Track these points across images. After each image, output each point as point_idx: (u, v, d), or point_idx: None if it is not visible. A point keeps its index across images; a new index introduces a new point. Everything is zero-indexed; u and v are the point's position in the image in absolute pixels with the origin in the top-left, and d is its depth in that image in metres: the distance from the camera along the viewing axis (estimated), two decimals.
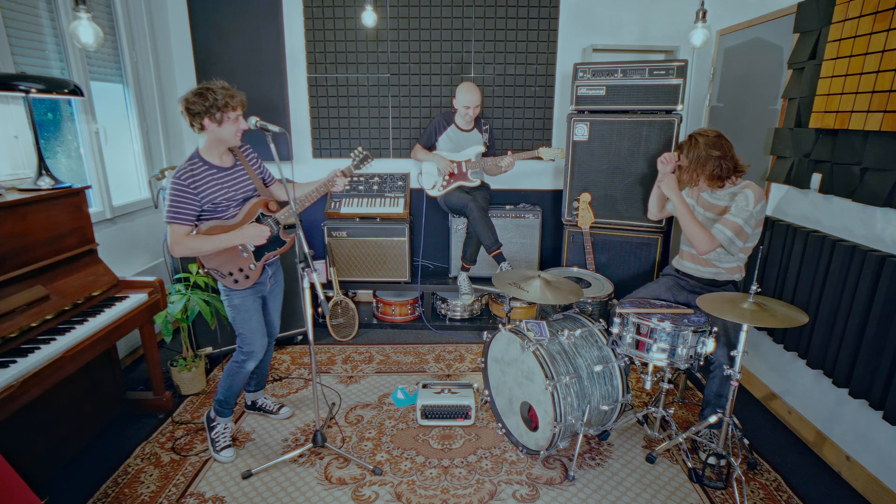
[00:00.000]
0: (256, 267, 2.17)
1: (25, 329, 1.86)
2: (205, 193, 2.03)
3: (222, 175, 2.10)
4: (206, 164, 2.06)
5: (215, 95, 1.94)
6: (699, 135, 2.29)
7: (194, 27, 3.59)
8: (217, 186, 2.07)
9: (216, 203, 2.06)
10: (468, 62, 3.73)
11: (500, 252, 3.25)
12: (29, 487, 1.49)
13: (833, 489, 2.14)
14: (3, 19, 2.30)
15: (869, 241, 2.06)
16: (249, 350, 2.23)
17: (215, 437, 2.30)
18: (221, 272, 2.12)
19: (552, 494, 2.08)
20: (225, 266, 2.12)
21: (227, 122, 2.00)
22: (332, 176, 2.29)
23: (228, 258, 2.12)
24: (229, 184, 2.11)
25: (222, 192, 2.08)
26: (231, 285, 2.14)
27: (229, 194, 2.10)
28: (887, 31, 1.90)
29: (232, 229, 2.09)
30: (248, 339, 2.23)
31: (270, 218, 2.20)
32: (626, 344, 2.17)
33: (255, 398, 2.60)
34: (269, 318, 2.40)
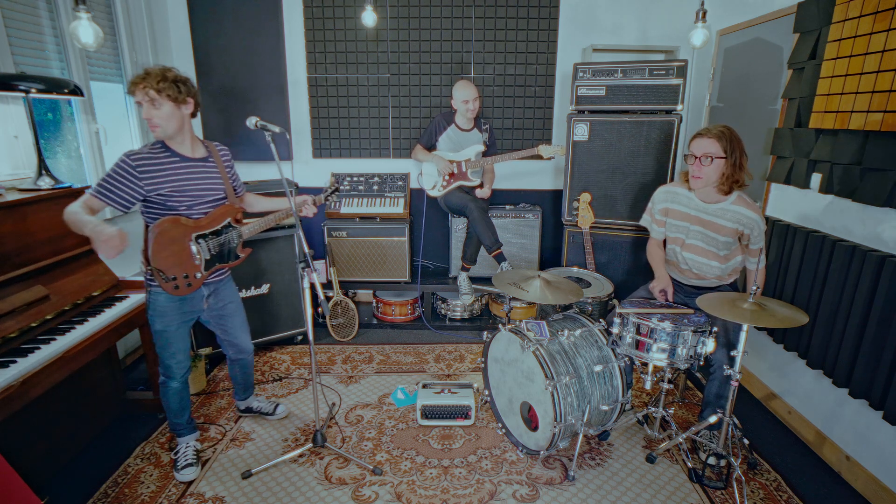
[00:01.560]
0: (202, 276, 2.03)
1: (25, 329, 1.86)
2: (155, 181, 1.87)
3: (188, 165, 1.97)
4: (169, 151, 1.94)
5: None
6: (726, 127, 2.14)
7: (194, 27, 3.59)
8: (173, 177, 1.91)
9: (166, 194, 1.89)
10: (468, 62, 3.72)
11: (500, 252, 3.25)
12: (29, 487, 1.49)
13: (833, 489, 2.14)
14: (3, 19, 2.30)
15: (869, 241, 2.06)
16: (167, 373, 2.11)
17: (176, 456, 2.20)
18: (166, 275, 1.91)
19: (552, 494, 2.08)
20: (172, 269, 1.93)
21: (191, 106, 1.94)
22: (301, 203, 2.25)
23: (179, 260, 1.95)
24: (196, 177, 1.98)
25: (183, 183, 1.93)
26: (170, 291, 1.94)
27: (194, 187, 1.97)
28: (887, 31, 1.90)
29: (197, 229, 1.98)
30: (166, 362, 2.08)
31: (235, 230, 2.13)
32: (626, 344, 2.17)
33: (247, 404, 2.55)
34: (236, 333, 2.30)
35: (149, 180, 1.86)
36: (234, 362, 2.41)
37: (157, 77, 1.83)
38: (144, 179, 1.85)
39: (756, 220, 2.15)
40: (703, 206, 2.25)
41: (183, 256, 1.97)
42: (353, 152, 3.89)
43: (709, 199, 2.24)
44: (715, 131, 2.13)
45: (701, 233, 2.27)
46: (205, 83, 3.66)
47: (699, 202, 2.26)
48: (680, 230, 2.35)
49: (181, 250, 1.96)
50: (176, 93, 1.86)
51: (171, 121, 1.89)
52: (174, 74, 1.88)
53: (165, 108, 1.86)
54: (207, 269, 2.05)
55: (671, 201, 2.36)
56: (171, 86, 1.85)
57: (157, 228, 1.87)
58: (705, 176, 2.15)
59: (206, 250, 2.04)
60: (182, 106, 1.90)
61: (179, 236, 1.95)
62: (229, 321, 2.27)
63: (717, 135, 2.12)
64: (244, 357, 2.40)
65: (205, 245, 2.03)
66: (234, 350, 2.36)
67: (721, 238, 2.22)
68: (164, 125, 1.88)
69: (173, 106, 1.87)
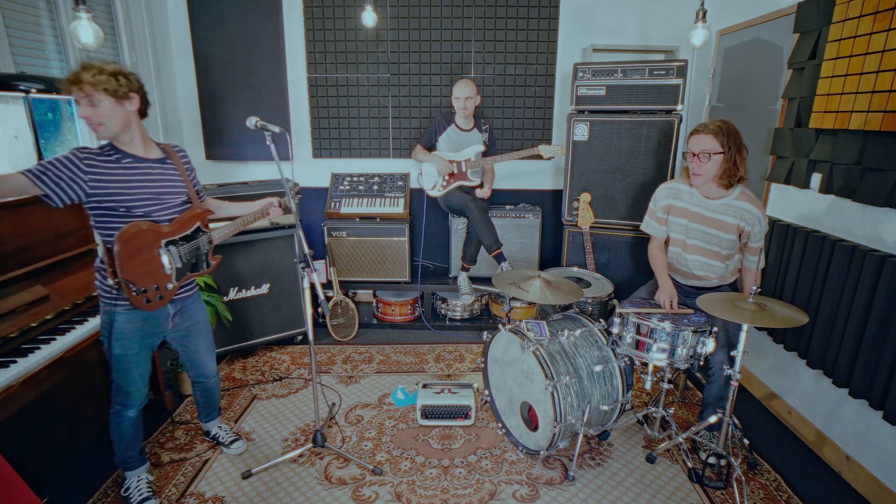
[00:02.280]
0: (173, 287, 1.89)
1: (25, 329, 1.86)
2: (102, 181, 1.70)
3: (143, 166, 1.81)
4: (120, 153, 1.78)
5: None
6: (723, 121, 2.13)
7: (194, 27, 3.59)
8: (127, 178, 1.76)
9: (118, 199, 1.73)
10: (468, 62, 3.72)
11: (500, 252, 3.25)
12: (29, 487, 1.49)
13: (833, 489, 2.14)
14: (3, 19, 2.30)
15: (869, 241, 2.06)
16: (124, 401, 1.92)
17: (127, 494, 1.99)
18: (136, 287, 1.76)
19: (552, 494, 2.08)
20: (142, 280, 1.78)
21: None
22: (267, 205, 2.17)
23: (150, 269, 1.81)
24: (153, 178, 1.83)
25: (137, 185, 1.77)
26: (142, 305, 1.79)
27: (151, 190, 1.81)
28: (887, 31, 1.90)
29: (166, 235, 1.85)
30: (123, 389, 1.90)
31: (206, 236, 2.01)
32: (626, 344, 2.17)
33: (208, 428, 2.37)
34: (200, 357, 2.16)
35: (95, 178, 1.69)
36: (196, 385, 2.24)
37: (93, 71, 1.65)
38: (90, 175, 1.68)
39: (759, 216, 2.13)
40: (705, 202, 2.23)
41: (153, 265, 1.82)
42: (353, 152, 3.89)
43: (711, 195, 2.22)
44: (712, 127, 2.10)
45: (702, 231, 2.25)
46: (205, 83, 3.67)
47: (701, 198, 2.24)
48: (679, 229, 2.33)
49: (151, 258, 1.81)
50: (115, 86, 1.68)
51: (113, 118, 1.71)
52: (114, 68, 1.70)
53: (105, 105, 1.68)
54: (179, 278, 1.91)
55: (673, 198, 2.33)
56: (110, 79, 1.67)
57: (125, 235, 1.72)
58: (705, 172, 2.14)
59: (178, 258, 1.90)
60: (125, 101, 1.72)
61: (149, 243, 1.80)
62: (194, 342, 2.11)
63: (713, 131, 2.09)
64: (207, 381, 2.23)
65: (176, 252, 1.89)
66: (195, 372, 2.19)
67: (724, 235, 2.20)
68: (107, 123, 1.70)
69: (114, 101, 1.69)
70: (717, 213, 2.20)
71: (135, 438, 2.01)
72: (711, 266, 2.29)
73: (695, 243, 2.29)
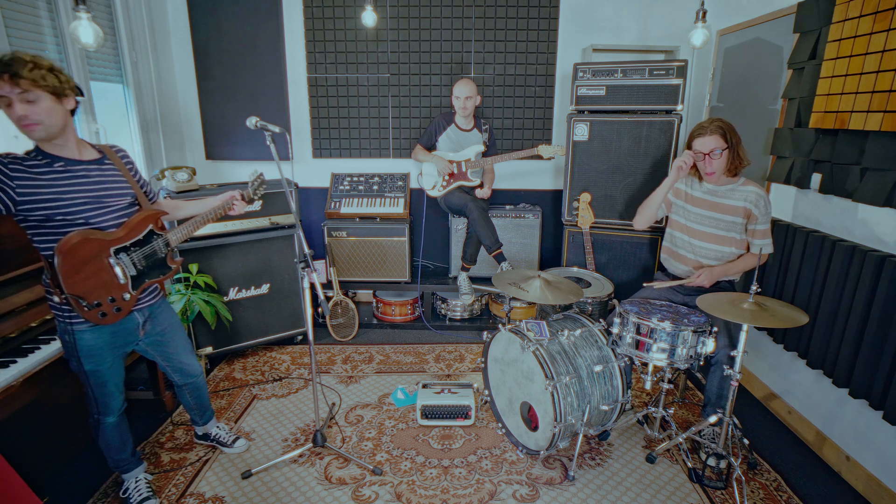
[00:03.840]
0: (131, 297, 1.77)
1: (25, 329, 1.86)
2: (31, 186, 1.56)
3: (77, 168, 1.66)
4: (49, 157, 1.61)
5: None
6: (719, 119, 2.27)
7: (194, 27, 3.59)
8: (60, 182, 1.61)
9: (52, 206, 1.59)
10: (468, 62, 3.72)
11: (500, 252, 3.25)
12: (29, 487, 1.49)
13: (833, 489, 2.14)
14: (3, 19, 2.30)
15: (869, 241, 2.06)
16: (104, 410, 1.84)
17: (127, 495, 1.96)
18: (87, 301, 1.63)
19: (552, 494, 2.08)
20: (94, 293, 1.65)
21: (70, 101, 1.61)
22: (229, 199, 2.04)
23: (100, 283, 1.67)
24: (91, 181, 1.68)
25: (72, 190, 1.63)
26: (96, 320, 1.67)
27: (89, 194, 1.67)
28: (887, 31, 1.90)
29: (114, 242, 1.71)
30: (101, 400, 1.81)
31: (161, 238, 1.88)
32: (626, 344, 2.17)
33: (205, 430, 2.32)
34: (181, 357, 2.08)
35: (22, 184, 1.54)
36: (183, 388, 2.16)
37: (28, 65, 1.49)
38: (17, 181, 1.53)
39: (763, 195, 2.24)
40: (714, 189, 2.35)
41: (103, 276, 1.69)
42: (353, 152, 3.89)
43: (719, 183, 2.34)
44: (714, 128, 2.23)
45: (712, 217, 2.33)
46: (205, 83, 3.67)
47: (710, 185, 2.36)
48: (684, 213, 2.42)
49: (100, 269, 1.67)
50: (56, 83, 1.54)
51: (52, 117, 1.56)
52: (49, 62, 1.56)
53: (44, 103, 1.53)
54: (136, 287, 1.79)
55: (683, 183, 2.45)
56: (49, 75, 1.53)
57: (65, 246, 1.58)
58: (717, 169, 2.26)
59: (131, 265, 1.77)
60: (64, 100, 1.59)
61: (94, 253, 1.66)
62: (171, 346, 2.03)
63: (717, 132, 2.23)
64: (195, 380, 2.16)
65: (128, 259, 1.76)
66: (180, 375, 2.11)
67: (733, 218, 2.29)
68: (46, 122, 1.55)
69: (53, 100, 1.55)
70: (726, 199, 2.31)
71: (122, 442, 1.95)
72: (723, 254, 2.34)
73: (706, 230, 2.35)
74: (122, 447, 1.96)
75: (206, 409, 2.28)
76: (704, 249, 2.37)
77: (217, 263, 2.98)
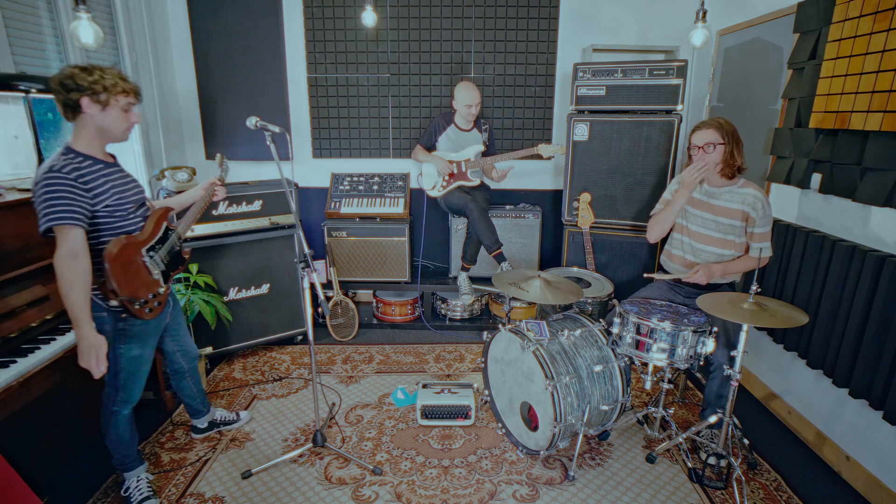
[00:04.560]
0: (165, 290, 1.92)
1: (25, 329, 1.86)
2: (97, 192, 1.66)
3: (111, 172, 1.77)
4: (90, 158, 1.70)
5: (102, 73, 1.66)
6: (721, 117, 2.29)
7: (194, 27, 3.59)
8: (110, 185, 1.72)
9: (110, 207, 1.70)
10: (468, 62, 3.72)
11: (500, 252, 3.25)
12: (29, 487, 1.49)
13: (833, 489, 2.14)
14: (3, 19, 2.30)
15: (869, 241, 2.06)
16: (126, 398, 1.92)
17: (128, 494, 1.98)
18: (139, 299, 1.78)
19: (552, 494, 2.08)
20: (140, 292, 1.79)
21: (112, 108, 1.69)
22: (210, 187, 2.15)
23: (144, 283, 1.81)
24: (121, 183, 1.79)
25: (117, 194, 1.74)
26: (144, 316, 1.81)
27: (121, 196, 1.77)
28: (887, 31, 1.90)
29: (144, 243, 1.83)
30: (128, 388, 1.91)
31: (174, 233, 2.01)
32: (626, 344, 2.17)
33: (210, 417, 2.41)
34: (183, 341, 2.19)
35: (94, 190, 1.66)
36: (187, 374, 2.24)
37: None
38: (92, 190, 1.65)
39: (762, 198, 2.23)
40: (711, 191, 2.34)
41: (143, 276, 1.82)
42: (353, 152, 3.89)
43: (716, 184, 2.34)
44: (712, 122, 2.29)
45: (712, 220, 2.33)
46: (205, 83, 3.67)
47: (707, 187, 2.36)
48: (684, 216, 2.42)
49: (139, 270, 1.81)
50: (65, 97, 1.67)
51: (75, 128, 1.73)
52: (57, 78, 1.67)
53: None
54: (165, 280, 1.94)
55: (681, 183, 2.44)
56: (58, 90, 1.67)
57: (111, 254, 1.68)
58: (710, 163, 2.28)
59: (160, 262, 1.91)
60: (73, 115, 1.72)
61: (132, 256, 1.78)
62: (181, 329, 2.16)
63: (715, 125, 2.26)
64: (195, 363, 2.26)
65: (157, 257, 1.89)
66: (186, 359, 2.21)
67: (730, 221, 2.29)
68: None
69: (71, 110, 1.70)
70: (723, 201, 2.30)
71: (132, 437, 2.01)
72: (723, 257, 2.34)
73: (707, 232, 2.34)
74: (132, 442, 2.02)
75: (204, 395, 2.38)
76: (704, 252, 2.36)
77: (217, 263, 2.98)
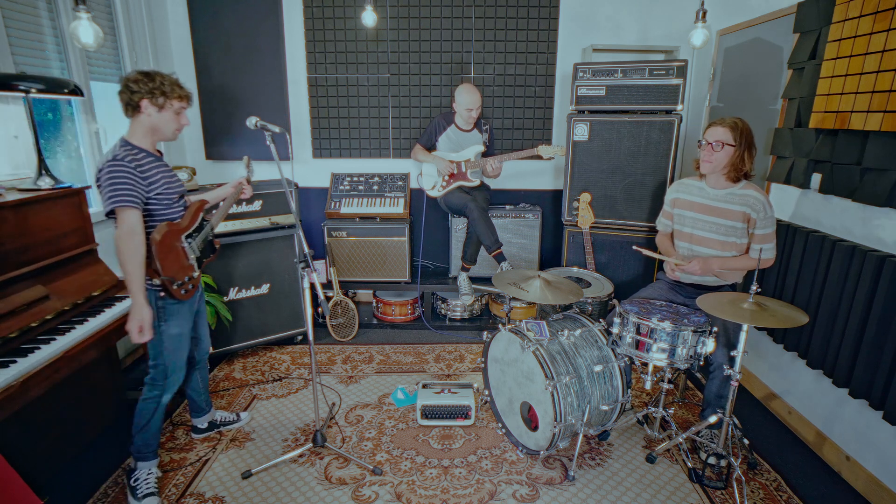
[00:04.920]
0: (198, 275, 2.08)
1: (25, 329, 1.86)
2: (151, 180, 1.88)
3: (160, 165, 1.98)
4: (144, 151, 1.91)
5: (162, 79, 1.89)
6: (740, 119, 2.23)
7: (194, 27, 3.59)
8: (160, 175, 1.93)
9: (160, 195, 1.91)
10: (468, 62, 3.72)
11: (500, 252, 3.25)
12: (29, 487, 1.49)
13: (833, 489, 2.14)
14: (3, 19, 2.30)
15: (869, 241, 2.06)
16: (169, 385, 2.04)
17: (136, 484, 2.01)
18: (177, 280, 1.94)
19: (552, 494, 2.08)
20: (178, 274, 1.95)
21: (167, 111, 1.91)
22: (238, 186, 2.29)
23: (182, 267, 1.98)
24: (167, 174, 1.99)
25: (164, 183, 1.94)
26: (181, 297, 1.96)
27: (168, 186, 1.97)
28: (887, 31, 1.90)
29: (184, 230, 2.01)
30: (172, 370, 2.03)
31: (208, 224, 2.16)
32: (625, 344, 2.17)
33: (210, 417, 2.44)
34: (200, 333, 2.28)
35: (149, 179, 1.87)
36: (197, 365, 2.32)
37: None
38: (147, 178, 1.87)
39: (763, 200, 2.20)
40: (712, 193, 2.32)
41: (182, 260, 2.00)
42: (353, 152, 3.89)
43: (718, 186, 2.31)
44: (729, 121, 2.24)
45: (712, 223, 2.31)
46: (205, 83, 3.66)
47: (709, 189, 2.33)
48: (686, 222, 2.39)
49: (179, 254, 1.99)
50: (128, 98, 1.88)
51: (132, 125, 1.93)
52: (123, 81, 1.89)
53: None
54: (199, 266, 2.10)
55: (681, 191, 2.44)
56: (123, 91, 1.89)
57: (157, 237, 1.87)
58: (715, 161, 2.25)
59: (196, 248, 2.07)
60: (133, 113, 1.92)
61: (173, 241, 1.96)
62: (202, 318, 2.30)
63: (730, 125, 2.22)
64: (206, 356, 2.37)
65: (194, 244, 2.06)
66: (200, 350, 2.31)
67: (732, 223, 2.27)
68: None
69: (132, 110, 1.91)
70: (724, 203, 2.28)
71: (160, 427, 2.10)
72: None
73: (709, 236, 2.33)
74: (158, 433, 2.11)
75: (206, 394, 2.42)
76: (705, 254, 2.34)
77: (217, 263, 2.98)
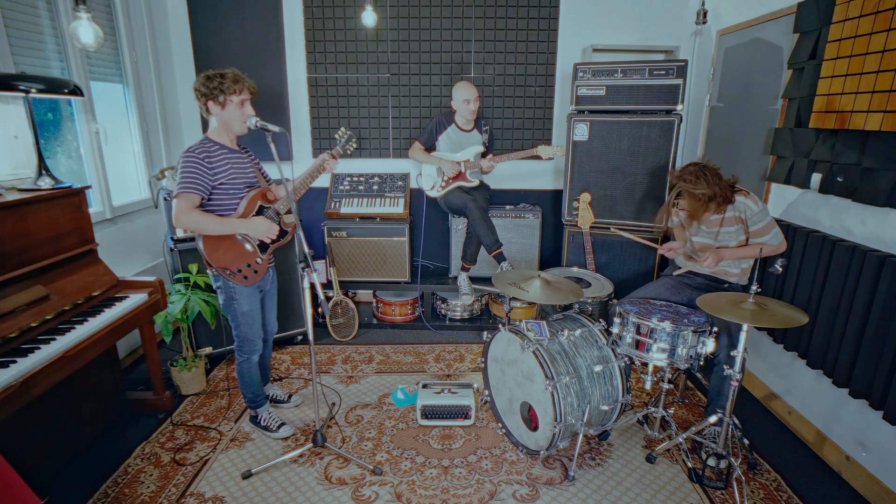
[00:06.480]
0: (263, 261, 2.24)
1: (25, 329, 1.86)
2: (218, 170, 2.08)
3: (233, 156, 2.17)
4: (218, 144, 2.14)
5: (221, 80, 2.05)
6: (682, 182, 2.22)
7: (194, 27, 3.59)
8: (228, 166, 2.13)
9: (225, 184, 2.11)
10: (468, 62, 3.72)
11: (500, 252, 3.25)
12: (29, 487, 1.49)
13: (833, 489, 2.14)
14: (3, 19, 2.30)
15: (869, 241, 2.06)
16: (251, 349, 2.32)
17: (266, 424, 2.41)
18: (231, 270, 2.14)
19: (552, 494, 2.08)
20: (234, 263, 2.15)
21: (230, 106, 2.09)
22: (321, 162, 2.37)
23: (236, 255, 2.16)
24: (238, 165, 2.18)
25: (232, 173, 2.13)
26: (241, 282, 2.17)
27: (237, 176, 2.15)
28: (887, 31, 1.90)
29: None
30: (249, 339, 2.30)
31: (271, 209, 2.24)
32: (626, 344, 2.17)
33: (266, 392, 2.62)
34: (267, 316, 2.46)
35: (216, 169, 2.07)
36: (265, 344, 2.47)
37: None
38: (214, 169, 2.06)
39: (744, 200, 2.25)
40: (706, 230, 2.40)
41: (237, 249, 2.16)
42: (353, 152, 3.88)
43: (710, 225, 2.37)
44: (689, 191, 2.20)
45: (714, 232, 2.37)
46: None
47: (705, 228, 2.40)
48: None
49: (233, 244, 2.15)
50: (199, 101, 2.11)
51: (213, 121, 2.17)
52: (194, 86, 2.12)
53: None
54: (264, 251, 2.25)
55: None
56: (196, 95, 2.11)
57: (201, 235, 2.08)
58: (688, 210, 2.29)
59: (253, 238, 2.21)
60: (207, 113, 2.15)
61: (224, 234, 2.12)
62: (271, 300, 2.47)
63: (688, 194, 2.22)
64: (269, 338, 2.53)
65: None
66: (266, 331, 2.47)
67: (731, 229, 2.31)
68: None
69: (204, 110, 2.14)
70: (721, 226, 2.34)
71: (259, 379, 2.40)
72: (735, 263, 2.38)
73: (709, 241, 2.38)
74: (260, 384, 2.42)
75: (267, 371, 2.63)
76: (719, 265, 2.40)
77: None
